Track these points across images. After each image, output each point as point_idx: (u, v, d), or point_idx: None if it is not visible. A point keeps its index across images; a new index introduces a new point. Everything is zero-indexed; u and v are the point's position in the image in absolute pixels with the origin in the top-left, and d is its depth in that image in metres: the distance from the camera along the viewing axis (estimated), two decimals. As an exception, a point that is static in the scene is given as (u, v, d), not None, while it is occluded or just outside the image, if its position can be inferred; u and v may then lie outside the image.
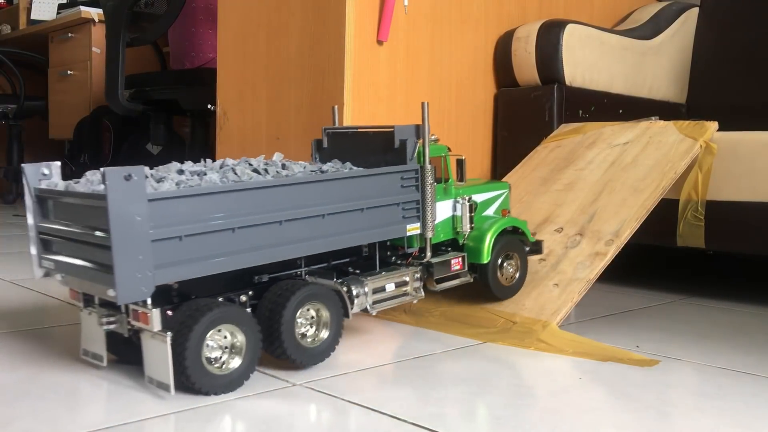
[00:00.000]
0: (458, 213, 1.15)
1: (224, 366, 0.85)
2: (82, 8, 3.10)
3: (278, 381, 0.89)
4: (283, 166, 1.01)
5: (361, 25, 1.48)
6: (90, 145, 3.01)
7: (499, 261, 1.18)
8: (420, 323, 1.20)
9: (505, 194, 1.25)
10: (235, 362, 0.86)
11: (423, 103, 1.06)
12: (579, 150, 1.53)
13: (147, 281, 0.78)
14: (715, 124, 1.42)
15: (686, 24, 2.07)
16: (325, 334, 0.95)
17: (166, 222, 0.80)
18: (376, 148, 1.10)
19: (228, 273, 0.88)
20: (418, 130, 1.07)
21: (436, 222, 1.10)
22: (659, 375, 0.96)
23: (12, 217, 2.87)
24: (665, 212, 1.43)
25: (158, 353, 0.82)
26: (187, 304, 0.84)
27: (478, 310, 1.21)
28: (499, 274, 1.19)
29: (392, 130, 1.07)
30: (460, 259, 1.14)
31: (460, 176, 1.17)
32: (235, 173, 0.93)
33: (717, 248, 1.42)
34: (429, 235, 1.08)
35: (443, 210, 1.13)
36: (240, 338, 0.86)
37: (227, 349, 0.86)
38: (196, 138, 2.42)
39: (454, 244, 1.17)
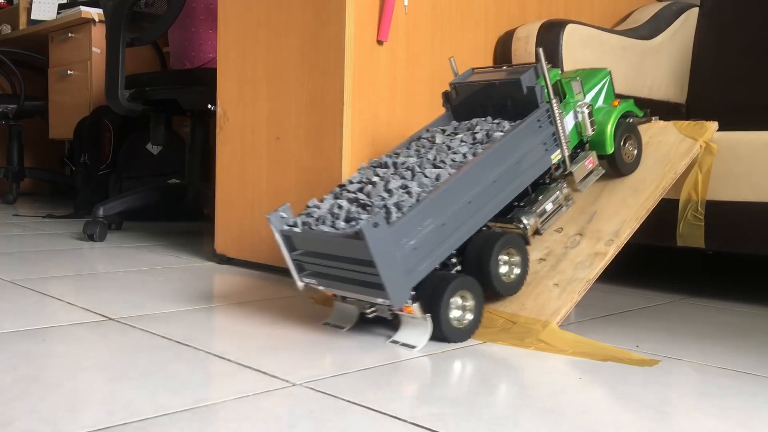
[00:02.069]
0: (580, 120, 1.27)
1: (462, 321, 1.09)
2: (82, 8, 3.11)
3: (278, 381, 0.89)
4: (448, 148, 1.19)
5: (361, 25, 1.48)
6: (90, 145, 3.01)
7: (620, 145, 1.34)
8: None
9: (608, 80, 1.35)
10: (469, 316, 1.10)
11: (538, 50, 1.20)
12: (579, 150, 1.53)
13: (406, 287, 1.03)
14: (715, 124, 1.42)
15: (686, 24, 2.07)
16: (518, 270, 1.17)
17: (403, 240, 1.02)
18: (502, 95, 1.25)
19: None
20: (537, 71, 1.21)
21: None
22: (659, 375, 0.96)
23: (12, 217, 2.87)
24: (665, 212, 1.43)
25: (418, 328, 1.07)
26: (424, 282, 1.06)
27: (478, 310, 1.21)
28: (623, 155, 1.35)
29: (518, 79, 1.20)
30: (591, 157, 1.28)
31: (580, 93, 1.28)
32: (426, 176, 1.12)
33: (717, 248, 1.42)
34: (566, 153, 1.23)
35: (568, 123, 1.26)
36: (470, 300, 1.10)
37: (462, 308, 1.09)
38: (196, 138, 2.42)
39: (579, 143, 1.31)
